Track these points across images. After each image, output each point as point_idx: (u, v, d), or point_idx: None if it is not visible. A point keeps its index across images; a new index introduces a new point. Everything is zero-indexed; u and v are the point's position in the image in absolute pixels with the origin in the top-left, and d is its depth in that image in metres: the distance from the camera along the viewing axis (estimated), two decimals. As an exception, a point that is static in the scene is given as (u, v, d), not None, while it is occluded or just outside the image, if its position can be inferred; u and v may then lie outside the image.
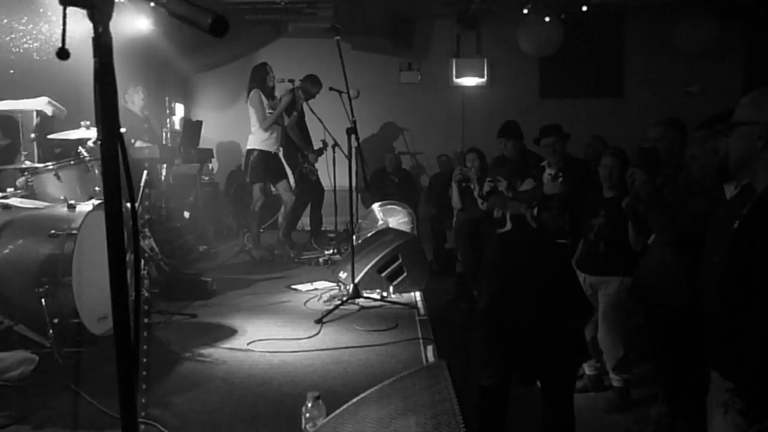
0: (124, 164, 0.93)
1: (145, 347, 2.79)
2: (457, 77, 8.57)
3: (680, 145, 3.73)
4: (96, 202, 3.30)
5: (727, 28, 8.15)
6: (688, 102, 8.22)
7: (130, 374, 0.91)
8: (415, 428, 1.39)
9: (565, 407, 3.30)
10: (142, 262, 3.86)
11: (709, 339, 2.15)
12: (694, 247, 2.57)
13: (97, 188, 3.61)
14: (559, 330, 3.22)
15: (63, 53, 0.93)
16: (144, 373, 2.63)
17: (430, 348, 3.24)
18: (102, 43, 0.91)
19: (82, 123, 3.82)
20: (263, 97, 5.79)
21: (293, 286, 4.75)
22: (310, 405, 2.05)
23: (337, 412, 1.77)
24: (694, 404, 2.32)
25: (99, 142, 3.27)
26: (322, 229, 6.90)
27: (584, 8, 7.87)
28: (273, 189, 6.15)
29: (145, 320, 3.54)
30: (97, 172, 3.64)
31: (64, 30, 0.92)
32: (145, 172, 4.06)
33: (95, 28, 0.91)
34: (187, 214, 6.54)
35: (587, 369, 4.40)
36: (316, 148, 6.67)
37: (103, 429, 2.33)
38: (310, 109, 6.55)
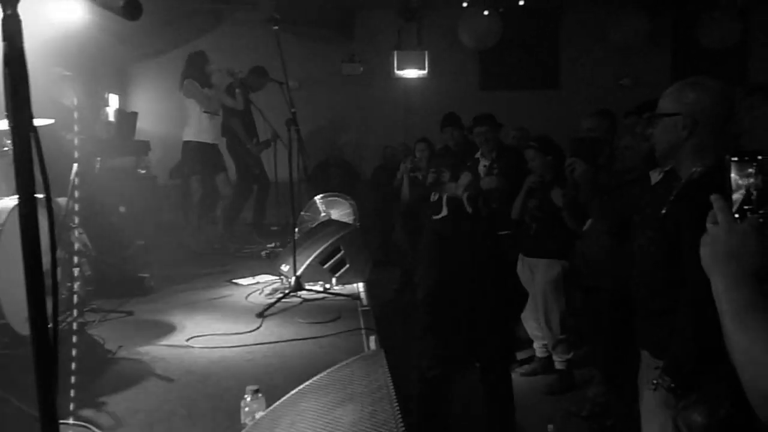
0: (38, 157, 0.89)
1: (74, 349, 2.69)
2: (398, 69, 8.58)
3: (612, 134, 3.88)
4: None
5: (657, 23, 8.47)
6: (621, 93, 8.50)
7: (49, 376, 0.87)
8: (352, 416, 1.39)
9: (503, 393, 3.38)
10: (74, 259, 3.72)
11: (638, 320, 2.24)
12: (630, 233, 2.67)
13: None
14: (492, 318, 3.31)
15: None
16: (73, 375, 2.53)
17: (372, 338, 3.24)
18: (10, 27, 0.86)
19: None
20: (197, 85, 5.66)
21: (234, 280, 4.68)
22: (249, 399, 2.02)
23: (275, 404, 1.76)
24: (629, 384, 2.41)
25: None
26: (264, 222, 6.82)
27: (521, 2, 8.03)
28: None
29: (78, 320, 3.42)
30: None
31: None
32: (75, 165, 3.90)
33: (3, 11, 0.87)
34: (122, 209, 6.33)
35: (537, 351, 4.52)
36: (263, 140, 6.57)
37: (32, 433, 2.24)
38: (251, 102, 6.45)
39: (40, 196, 3.11)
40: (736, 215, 1.04)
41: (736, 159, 1.04)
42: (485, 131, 4.64)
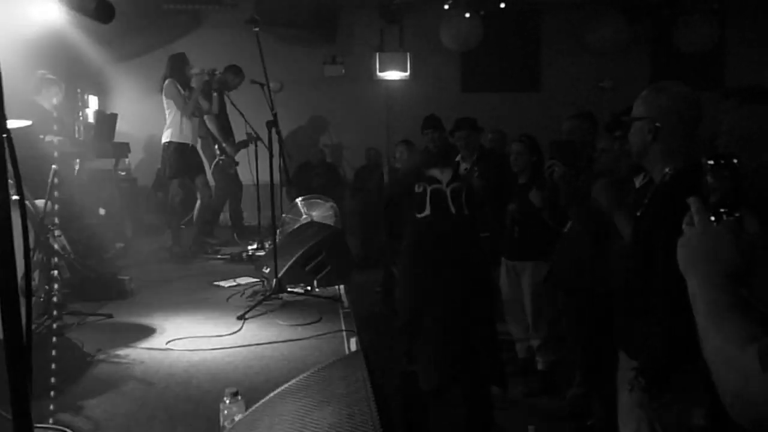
0: (11, 158, 0.88)
1: (53, 352, 2.66)
2: (380, 71, 8.60)
3: (592, 136, 3.92)
4: None
5: (636, 27, 8.59)
6: (601, 96, 8.60)
7: (22, 378, 0.87)
8: (331, 418, 1.40)
9: (482, 398, 3.39)
10: (53, 261, 3.68)
11: (615, 321, 2.27)
12: (610, 236, 2.71)
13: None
14: (475, 322, 3.32)
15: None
16: (52, 378, 2.51)
17: (353, 340, 3.25)
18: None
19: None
20: (179, 86, 5.63)
21: (215, 283, 4.65)
22: (228, 401, 2.02)
23: (254, 407, 1.76)
24: (609, 384, 2.44)
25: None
26: (246, 224, 6.80)
27: (502, 5, 8.09)
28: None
29: (57, 323, 3.38)
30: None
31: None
32: (54, 167, 3.87)
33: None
34: (102, 211, 6.27)
35: (519, 352, 4.54)
36: (239, 140, 6.55)
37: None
38: (231, 102, 6.42)
39: (17, 198, 3.07)
40: (712, 217, 1.05)
41: (712, 162, 1.06)
42: (465, 135, 4.68)
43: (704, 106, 2.10)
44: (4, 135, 0.87)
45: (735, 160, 1.05)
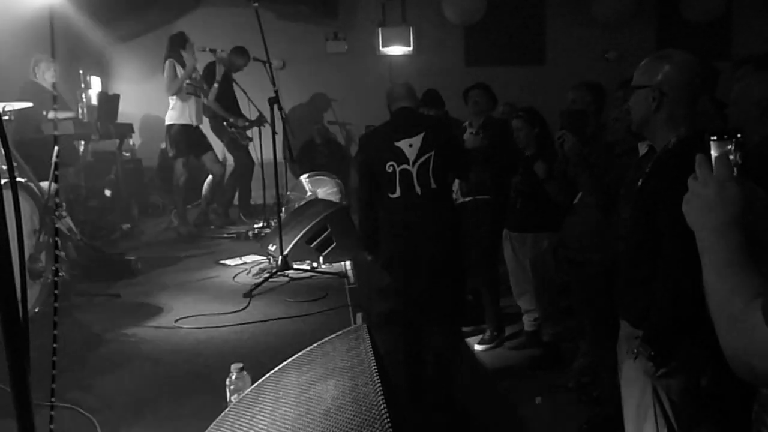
0: (2, 139, 0.87)
1: (54, 331, 2.68)
2: (383, 46, 8.52)
3: (597, 107, 3.87)
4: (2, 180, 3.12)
5: (641, -2, 8.45)
6: (607, 68, 8.48)
7: (21, 357, 0.87)
8: (334, 391, 1.41)
9: (448, 356, 3.47)
10: (58, 242, 3.70)
11: (619, 290, 2.27)
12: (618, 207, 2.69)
13: (3, 166, 3.42)
14: (444, 287, 3.39)
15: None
16: (60, 357, 2.53)
17: (359, 315, 3.26)
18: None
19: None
20: (177, 66, 5.60)
21: (222, 261, 4.67)
22: (234, 377, 2.03)
23: (259, 381, 1.77)
24: (615, 355, 2.44)
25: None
26: (252, 202, 6.80)
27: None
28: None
29: (65, 303, 3.41)
30: None
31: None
32: (56, 148, 3.86)
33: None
34: (108, 192, 6.30)
35: (526, 325, 4.56)
36: (251, 119, 6.53)
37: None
38: (235, 82, 6.40)
39: (21, 180, 3.06)
40: None
41: (715, 138, 1.05)
42: (480, 94, 4.63)
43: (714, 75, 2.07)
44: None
45: (738, 135, 1.04)
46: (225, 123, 6.30)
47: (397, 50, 8.54)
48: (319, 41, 8.63)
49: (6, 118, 3.38)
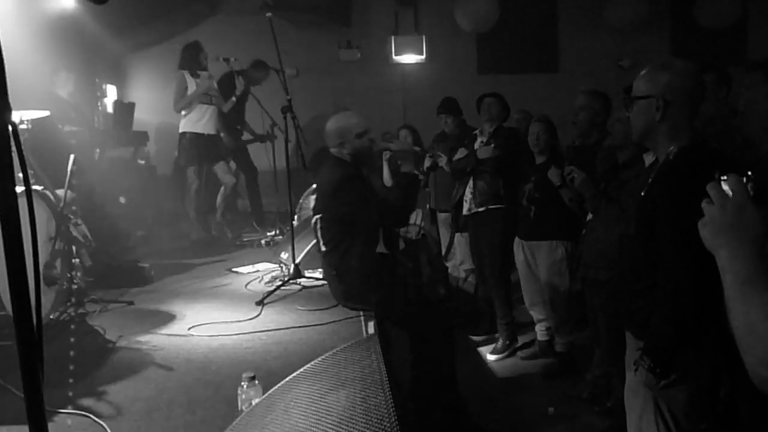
0: (17, 147, 0.88)
1: (72, 339, 2.71)
2: (396, 55, 8.53)
3: (604, 116, 3.85)
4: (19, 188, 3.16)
5: (655, 3, 8.39)
6: (620, 76, 8.43)
7: (34, 365, 0.88)
8: (345, 402, 1.40)
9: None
10: (74, 249, 3.73)
11: (623, 301, 2.25)
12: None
13: (19, 174, 3.45)
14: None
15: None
16: (73, 364, 2.55)
17: (371, 324, 3.26)
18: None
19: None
20: (189, 78, 5.63)
21: (234, 269, 4.69)
22: (245, 386, 2.04)
23: (271, 390, 1.77)
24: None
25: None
26: (264, 210, 6.82)
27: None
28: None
29: (79, 310, 3.44)
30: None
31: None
32: (72, 156, 3.91)
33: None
34: (123, 200, 6.34)
35: (539, 335, 4.53)
36: (259, 132, 6.57)
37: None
38: (253, 96, 6.44)
39: (38, 188, 3.08)
40: None
41: (725, 178, 1.06)
42: (492, 102, 4.63)
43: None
44: (10, 125, 0.87)
45: (749, 173, 1.06)
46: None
47: (409, 58, 8.56)
48: (332, 49, 8.66)
49: (24, 126, 3.42)
